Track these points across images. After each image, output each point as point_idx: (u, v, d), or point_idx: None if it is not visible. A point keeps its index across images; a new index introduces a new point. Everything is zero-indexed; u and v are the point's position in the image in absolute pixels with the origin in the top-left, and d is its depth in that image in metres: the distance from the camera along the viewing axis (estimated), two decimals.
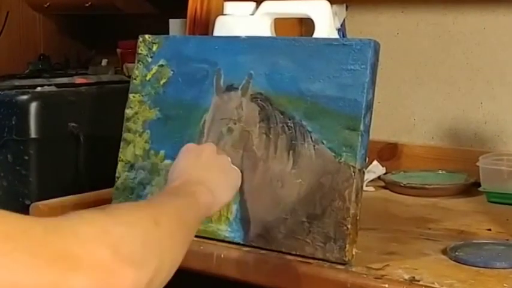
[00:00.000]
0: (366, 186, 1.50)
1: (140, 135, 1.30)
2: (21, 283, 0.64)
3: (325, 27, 1.27)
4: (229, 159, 1.10)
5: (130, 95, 1.32)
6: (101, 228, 0.72)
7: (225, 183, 1.06)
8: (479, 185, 1.44)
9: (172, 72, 1.28)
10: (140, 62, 1.32)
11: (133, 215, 0.79)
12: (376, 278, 1.01)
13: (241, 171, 1.15)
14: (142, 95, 1.31)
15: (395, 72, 1.71)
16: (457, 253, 1.08)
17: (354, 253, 1.07)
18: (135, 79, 1.32)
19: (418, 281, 0.99)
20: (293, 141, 1.14)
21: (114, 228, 0.73)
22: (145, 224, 0.78)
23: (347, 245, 1.06)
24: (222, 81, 1.22)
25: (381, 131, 1.64)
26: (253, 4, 1.35)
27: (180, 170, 1.03)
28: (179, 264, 0.84)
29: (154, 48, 1.31)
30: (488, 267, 1.03)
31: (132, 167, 1.29)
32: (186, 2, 1.64)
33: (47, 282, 0.65)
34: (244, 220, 1.16)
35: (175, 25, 1.89)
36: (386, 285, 0.99)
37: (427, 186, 1.50)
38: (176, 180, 1.00)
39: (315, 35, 1.27)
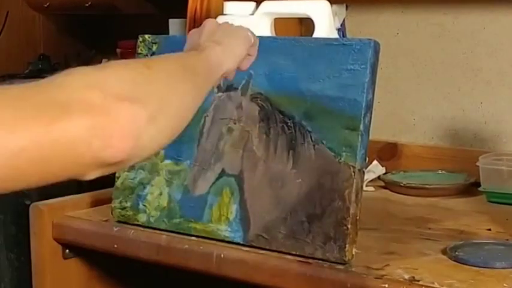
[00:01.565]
0: (366, 186, 1.50)
1: None
2: (10, 139, 0.61)
3: (325, 27, 1.27)
4: (232, 22, 1.04)
5: None
6: (85, 74, 0.69)
7: (234, 38, 1.00)
8: (479, 185, 1.44)
9: None
10: None
11: (122, 65, 0.75)
12: (376, 278, 1.01)
13: (241, 171, 1.15)
14: None
15: (395, 72, 1.71)
16: (457, 253, 1.08)
17: (353, 253, 1.07)
18: None
19: (418, 281, 0.99)
20: (293, 141, 1.14)
21: (99, 73, 0.70)
22: (134, 66, 0.75)
23: (347, 245, 1.06)
24: (222, 81, 1.22)
25: (380, 131, 1.64)
26: (253, 4, 1.35)
27: (192, 35, 1.00)
28: (192, 107, 0.81)
29: (154, 48, 1.31)
30: (488, 267, 1.03)
31: (132, 166, 1.29)
32: (186, 2, 1.65)
33: (37, 133, 0.62)
34: (244, 220, 1.16)
35: (175, 25, 1.89)
36: (386, 285, 0.99)
37: (427, 186, 1.50)
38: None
39: (315, 35, 1.27)
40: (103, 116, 0.66)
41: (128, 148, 0.67)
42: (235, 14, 1.35)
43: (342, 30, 1.38)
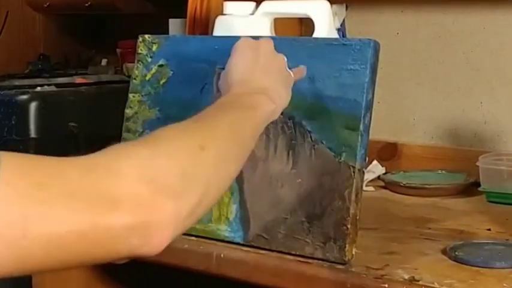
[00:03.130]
0: (366, 186, 1.50)
1: (140, 135, 1.29)
2: (61, 230, 0.63)
3: (325, 27, 1.27)
4: (285, 58, 1.03)
5: (130, 95, 1.32)
6: (138, 162, 0.70)
7: (284, 87, 1.00)
8: (479, 184, 1.44)
9: (172, 72, 1.28)
10: (140, 62, 1.32)
11: (175, 143, 0.75)
12: (376, 278, 1.01)
13: (241, 171, 1.15)
14: (142, 95, 1.31)
15: (395, 72, 1.71)
16: (456, 253, 1.08)
17: (353, 253, 1.07)
18: (134, 79, 1.32)
19: (418, 281, 0.99)
20: (293, 141, 1.14)
21: (152, 162, 0.70)
22: (187, 151, 0.75)
23: (347, 245, 1.06)
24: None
25: (380, 131, 1.64)
26: (253, 4, 1.35)
27: (238, 74, 0.97)
28: (229, 183, 0.82)
29: (154, 48, 1.31)
30: (488, 267, 1.03)
31: None
32: (186, 2, 1.65)
33: (87, 225, 0.64)
34: (244, 220, 1.16)
35: (175, 25, 1.89)
36: (386, 285, 0.99)
37: (426, 186, 1.50)
38: (235, 86, 0.95)
39: (315, 35, 1.27)
40: (147, 213, 0.67)
41: (164, 244, 0.69)
42: (235, 14, 1.35)
43: (341, 30, 1.38)
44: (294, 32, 1.72)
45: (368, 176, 1.54)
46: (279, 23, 1.37)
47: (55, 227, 0.63)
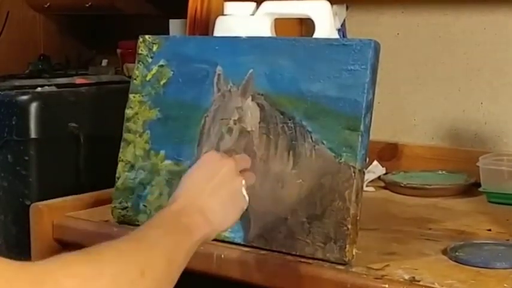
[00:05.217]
0: (366, 186, 1.50)
1: (140, 136, 1.30)
2: None
3: (326, 27, 1.27)
4: (244, 182, 1.03)
5: (131, 95, 1.32)
6: (84, 282, 0.73)
7: (229, 212, 1.01)
8: (479, 185, 1.44)
9: (172, 72, 1.28)
10: (140, 62, 1.32)
11: (118, 265, 0.78)
12: (376, 278, 1.01)
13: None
14: (143, 95, 1.31)
15: (395, 72, 1.71)
16: (457, 253, 1.08)
17: (354, 253, 1.07)
18: (135, 79, 1.32)
19: (418, 281, 0.99)
20: (293, 142, 1.14)
21: (97, 282, 0.74)
22: (130, 275, 0.78)
23: (347, 245, 1.06)
24: (222, 81, 1.22)
25: (381, 131, 1.64)
26: (253, 4, 1.35)
27: (189, 185, 1.00)
28: None
29: (155, 48, 1.31)
30: (488, 268, 1.03)
31: (132, 167, 1.29)
32: (186, 2, 1.65)
33: None
34: (245, 220, 1.16)
35: (175, 25, 1.89)
36: (386, 286, 0.99)
37: (427, 186, 1.50)
38: (181, 199, 0.97)
39: (315, 35, 1.27)
40: None
41: None
42: (236, 14, 1.35)
43: (342, 30, 1.38)
44: (294, 32, 1.72)
45: (368, 177, 1.54)
46: (280, 23, 1.37)
47: None
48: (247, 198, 1.03)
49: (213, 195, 0.99)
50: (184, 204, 0.96)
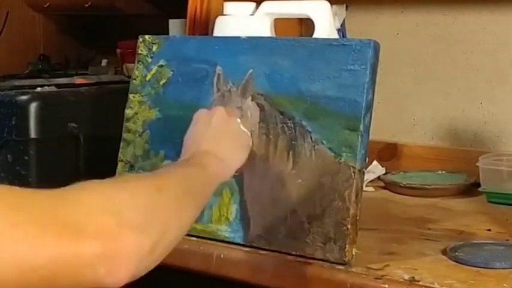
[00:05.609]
0: (366, 186, 1.50)
1: (140, 136, 1.30)
2: (31, 254, 0.66)
3: (325, 27, 1.27)
4: (239, 121, 1.10)
5: (130, 95, 1.32)
6: (105, 196, 0.74)
7: (235, 149, 1.08)
8: (479, 185, 1.44)
9: (172, 72, 1.28)
10: (140, 62, 1.32)
11: (137, 183, 0.81)
12: (376, 278, 1.01)
13: (241, 172, 1.15)
14: (142, 95, 1.31)
15: (395, 72, 1.71)
16: (457, 253, 1.08)
17: (353, 253, 1.07)
18: (135, 79, 1.32)
19: (418, 281, 0.99)
20: (293, 142, 1.14)
21: (117, 196, 0.75)
22: (148, 191, 0.80)
23: (347, 245, 1.06)
24: (222, 81, 1.22)
25: (380, 131, 1.64)
26: (253, 4, 1.35)
27: (191, 141, 1.05)
28: (187, 230, 0.86)
29: (154, 48, 1.31)
30: (488, 268, 1.03)
31: (132, 167, 1.29)
32: (186, 2, 1.65)
33: (56, 253, 0.67)
34: (244, 220, 1.16)
35: (175, 25, 1.89)
36: (386, 286, 0.99)
37: (426, 186, 1.50)
38: (186, 153, 1.02)
39: (315, 35, 1.27)
40: (113, 243, 0.71)
41: (128, 277, 0.72)
42: (235, 14, 1.35)
43: (342, 30, 1.38)
44: (294, 32, 1.72)
45: (368, 177, 1.54)
46: (279, 23, 1.37)
47: (26, 249, 0.66)
48: (248, 133, 1.11)
49: (214, 139, 1.04)
50: (191, 153, 1.01)
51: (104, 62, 2.39)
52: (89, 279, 0.70)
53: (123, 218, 0.72)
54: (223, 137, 1.06)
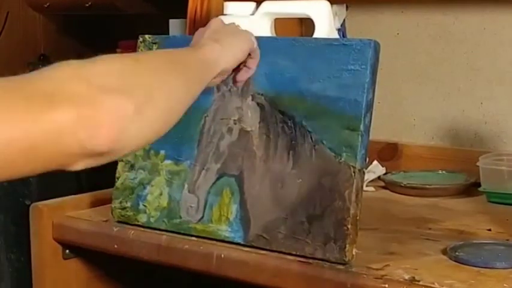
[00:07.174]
0: (366, 186, 1.50)
1: None
2: (2, 129, 0.64)
3: (325, 27, 1.27)
4: (238, 24, 1.11)
5: None
6: (73, 67, 0.73)
7: (234, 37, 1.06)
8: (479, 185, 1.44)
9: None
10: None
11: (112, 57, 0.79)
12: (376, 278, 1.01)
13: (241, 172, 1.15)
14: None
15: (395, 72, 1.71)
16: (457, 253, 1.08)
17: (354, 253, 1.07)
18: None
19: (418, 281, 0.99)
20: (293, 142, 1.14)
21: (88, 65, 0.74)
22: (122, 59, 0.79)
23: (347, 245, 1.06)
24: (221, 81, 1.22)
25: (381, 131, 1.64)
26: (253, 4, 1.35)
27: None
28: (186, 101, 0.84)
29: (155, 48, 1.31)
30: (488, 268, 1.03)
31: (132, 167, 1.29)
32: (186, 2, 1.65)
33: (29, 124, 0.65)
34: (244, 220, 1.16)
35: (175, 25, 1.90)
36: (387, 286, 0.99)
37: (427, 186, 1.50)
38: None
39: (315, 35, 1.27)
40: (88, 106, 0.69)
41: (113, 138, 0.70)
42: (236, 14, 1.35)
43: (342, 30, 1.38)
44: (294, 32, 1.72)
45: (368, 176, 1.54)
46: (280, 23, 1.37)
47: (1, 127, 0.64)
48: (249, 31, 1.11)
49: (214, 32, 1.03)
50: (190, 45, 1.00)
51: None
52: (72, 145, 0.68)
53: (95, 82, 0.71)
54: (221, 31, 1.05)
